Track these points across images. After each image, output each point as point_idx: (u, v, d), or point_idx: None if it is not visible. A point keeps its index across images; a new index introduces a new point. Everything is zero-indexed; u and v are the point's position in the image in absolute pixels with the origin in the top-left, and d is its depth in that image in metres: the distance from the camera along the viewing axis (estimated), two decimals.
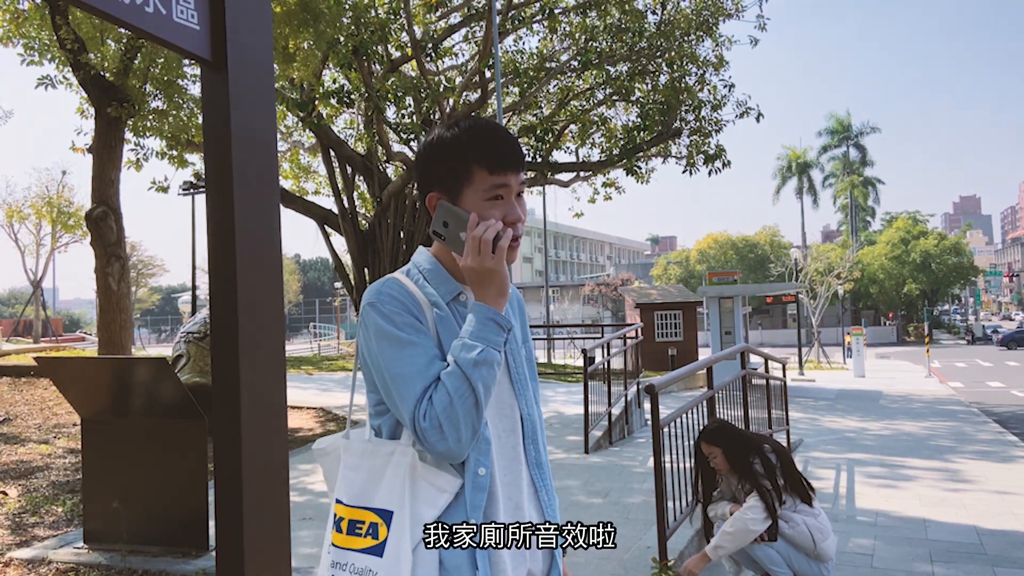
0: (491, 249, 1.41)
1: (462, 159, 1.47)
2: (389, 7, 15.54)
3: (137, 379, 4.50)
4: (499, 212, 1.46)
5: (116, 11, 1.69)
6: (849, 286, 37.20)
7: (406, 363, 1.40)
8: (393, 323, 1.42)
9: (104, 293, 9.92)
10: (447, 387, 1.35)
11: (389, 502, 1.42)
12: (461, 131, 1.50)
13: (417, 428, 1.36)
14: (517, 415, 1.55)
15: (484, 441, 1.45)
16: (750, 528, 3.70)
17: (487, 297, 1.43)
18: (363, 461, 1.48)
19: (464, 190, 1.47)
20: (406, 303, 1.45)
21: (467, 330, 1.41)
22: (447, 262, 1.54)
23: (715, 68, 16.82)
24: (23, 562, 4.12)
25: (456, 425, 1.35)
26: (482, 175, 1.46)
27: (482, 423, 1.40)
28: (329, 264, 58.36)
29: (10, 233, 30.37)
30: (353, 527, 1.44)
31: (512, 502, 1.50)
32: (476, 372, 1.36)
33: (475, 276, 1.43)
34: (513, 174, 1.48)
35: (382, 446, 1.48)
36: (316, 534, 4.75)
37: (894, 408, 14.95)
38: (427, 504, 1.41)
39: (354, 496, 1.46)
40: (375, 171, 18.84)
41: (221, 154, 1.91)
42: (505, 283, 1.45)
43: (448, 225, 1.45)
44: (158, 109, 10.29)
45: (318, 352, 27.57)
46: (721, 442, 3.97)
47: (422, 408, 1.36)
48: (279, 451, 2.03)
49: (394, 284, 1.48)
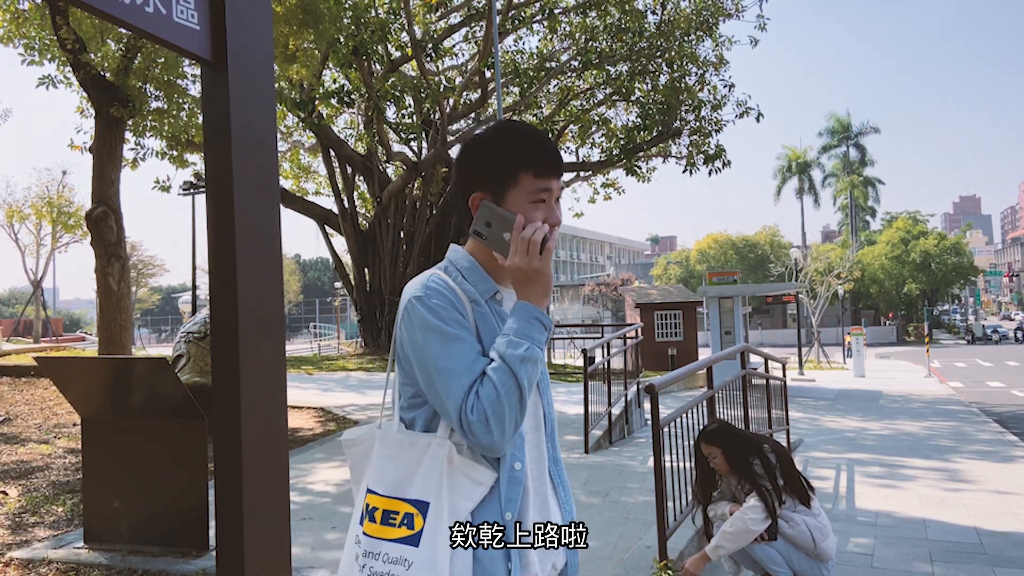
0: (539, 250, 1.45)
1: (509, 162, 1.51)
2: (389, 7, 15.53)
3: (137, 379, 4.50)
4: (541, 215, 1.51)
5: (116, 11, 1.69)
6: (849, 286, 37.21)
7: (453, 357, 1.42)
8: (439, 317, 1.44)
9: (104, 293, 9.92)
10: (494, 382, 1.39)
11: (425, 493, 1.44)
12: (508, 134, 1.55)
13: (464, 421, 1.39)
14: (541, 413, 1.59)
15: (519, 436, 1.49)
16: (750, 528, 3.70)
17: (532, 296, 1.47)
18: (400, 452, 1.50)
19: (509, 192, 1.51)
20: (451, 298, 1.48)
21: (512, 327, 1.45)
22: (484, 261, 1.57)
23: (715, 68, 16.82)
24: (23, 562, 4.12)
25: (502, 419, 1.38)
26: (528, 179, 1.50)
27: (524, 418, 1.44)
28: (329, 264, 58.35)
29: (10, 233, 30.41)
30: (387, 517, 1.46)
31: (540, 497, 1.55)
32: (523, 368, 1.40)
33: (521, 275, 1.47)
34: (555, 179, 1.53)
35: (419, 438, 1.50)
36: (316, 534, 4.75)
37: (894, 408, 14.95)
38: (464, 496, 1.44)
39: (389, 486, 1.48)
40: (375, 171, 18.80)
41: (221, 154, 1.91)
42: (549, 283, 1.49)
43: (491, 225, 1.49)
44: (158, 109, 10.29)
45: (318, 352, 27.56)
46: (721, 442, 3.97)
47: (469, 402, 1.39)
48: (279, 451, 2.03)
49: (438, 279, 1.51)
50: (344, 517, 5.13)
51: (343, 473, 6.45)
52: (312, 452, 7.36)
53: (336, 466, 6.74)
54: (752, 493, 3.80)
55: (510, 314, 1.48)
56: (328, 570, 4.07)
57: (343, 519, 5.08)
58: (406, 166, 17.77)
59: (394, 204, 18.32)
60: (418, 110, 17.13)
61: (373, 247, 19.16)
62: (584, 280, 62.44)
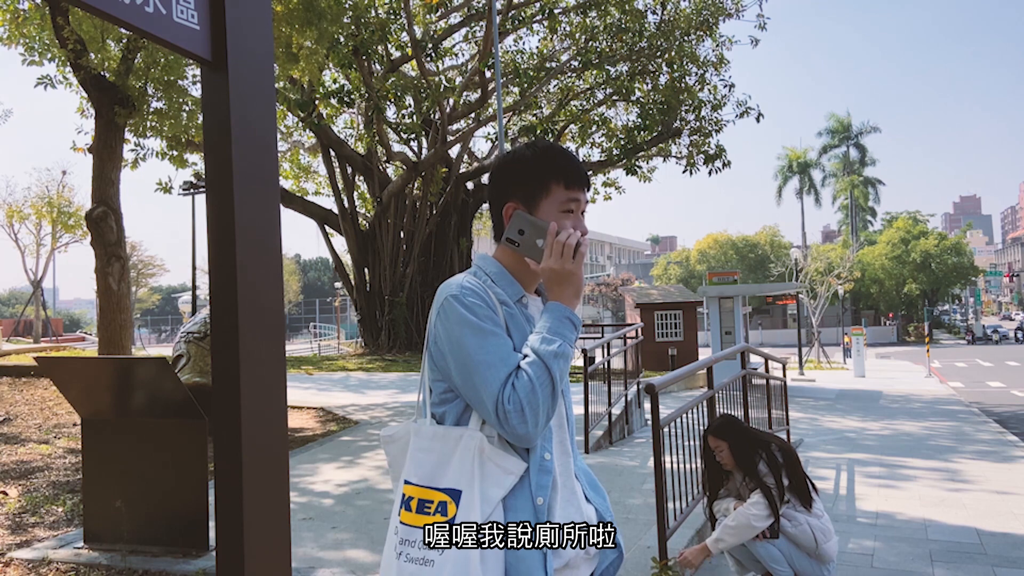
0: (572, 254, 1.57)
1: (541, 173, 1.64)
2: (389, 7, 15.53)
3: (137, 379, 4.50)
4: (570, 223, 1.62)
5: (116, 11, 1.69)
6: (849, 286, 37.19)
7: (489, 351, 1.50)
8: (475, 314, 1.53)
9: (104, 293, 9.92)
10: (529, 374, 1.47)
11: (458, 482, 1.52)
12: (540, 150, 1.67)
13: (500, 411, 1.47)
14: (563, 411, 1.68)
15: (548, 430, 1.58)
16: (752, 524, 3.70)
17: (564, 297, 1.58)
18: (433, 444, 1.58)
19: (541, 202, 1.63)
20: (484, 298, 1.57)
21: (544, 326, 1.54)
22: (512, 267, 1.67)
23: (715, 68, 16.82)
24: (23, 562, 4.12)
25: (536, 410, 1.46)
26: (558, 189, 1.63)
27: (555, 412, 1.52)
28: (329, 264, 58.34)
29: (10, 233, 30.42)
30: (422, 506, 1.54)
31: (568, 490, 1.63)
32: (555, 363, 1.49)
33: (556, 277, 1.58)
34: (583, 192, 1.66)
35: (451, 431, 1.57)
36: (316, 534, 4.75)
37: (894, 408, 14.94)
38: (494, 484, 1.51)
39: (424, 476, 1.56)
40: (375, 171, 18.80)
41: (221, 154, 1.91)
42: (581, 285, 1.60)
43: (524, 233, 1.59)
44: (158, 109, 10.29)
45: (318, 352, 27.56)
46: (728, 437, 3.98)
47: (506, 392, 1.47)
48: (279, 451, 2.03)
49: (472, 280, 1.61)
50: (345, 517, 5.13)
51: (344, 473, 6.45)
52: (312, 452, 7.36)
53: (337, 466, 6.74)
54: (756, 490, 3.80)
55: (543, 313, 1.57)
56: (328, 570, 4.07)
57: (343, 519, 5.08)
58: (406, 166, 17.77)
59: (394, 204, 18.32)
60: (418, 110, 17.12)
61: (373, 247, 19.15)
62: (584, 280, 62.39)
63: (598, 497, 1.73)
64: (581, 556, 1.60)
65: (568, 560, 1.56)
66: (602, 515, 1.68)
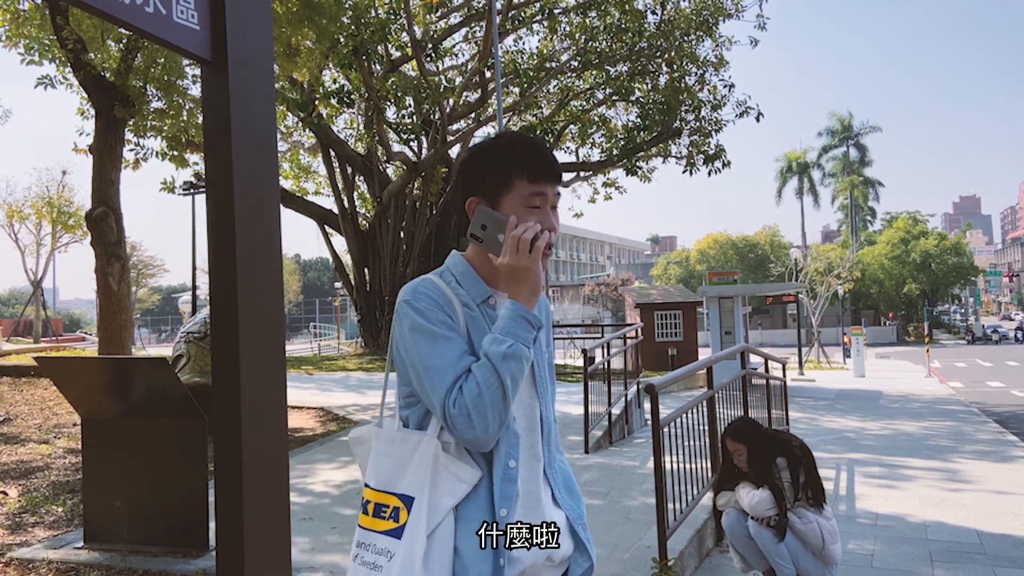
0: (528, 249, 1.50)
1: (503, 167, 1.57)
2: (389, 7, 15.52)
3: (137, 379, 4.50)
4: (535, 219, 1.55)
5: (116, 11, 1.69)
6: (849, 286, 37.16)
7: (438, 356, 1.48)
8: (427, 319, 1.51)
9: (104, 293, 9.92)
10: (477, 377, 1.44)
11: (412, 488, 1.49)
12: (504, 142, 1.61)
13: (447, 416, 1.44)
14: (537, 415, 1.63)
15: (514, 435, 1.53)
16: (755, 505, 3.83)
17: (520, 295, 1.52)
18: (392, 448, 1.56)
19: (504, 197, 1.57)
20: (439, 301, 1.53)
21: (498, 326, 1.50)
22: (479, 266, 1.62)
23: (715, 68, 16.81)
24: (23, 562, 4.12)
25: (484, 414, 1.42)
26: (522, 183, 1.56)
27: (509, 415, 1.48)
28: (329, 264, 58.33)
29: (10, 233, 30.39)
30: (379, 510, 1.53)
31: (532, 496, 1.58)
32: (505, 365, 1.44)
33: (511, 273, 1.51)
34: (550, 185, 1.58)
35: (410, 435, 1.55)
36: (316, 534, 4.75)
37: (894, 408, 14.94)
38: (446, 493, 1.48)
39: (381, 481, 1.55)
40: (375, 171, 18.79)
41: (221, 154, 1.91)
42: (538, 282, 1.53)
43: (486, 228, 1.54)
44: (159, 109, 10.29)
45: (318, 352, 27.56)
46: (747, 441, 4.00)
47: (452, 397, 1.44)
48: (279, 451, 2.03)
49: (428, 284, 1.57)
50: (345, 518, 5.13)
51: (344, 473, 6.45)
52: (313, 452, 7.36)
53: (337, 466, 6.74)
54: (765, 487, 3.87)
55: (501, 312, 1.53)
56: (328, 571, 4.07)
57: (343, 520, 5.08)
58: (406, 166, 17.77)
59: (394, 204, 18.31)
60: (418, 110, 17.12)
61: (373, 247, 19.15)
62: (584, 280, 62.43)
63: (572, 502, 1.66)
64: (542, 564, 1.53)
65: (525, 568, 1.50)
66: (572, 521, 1.62)
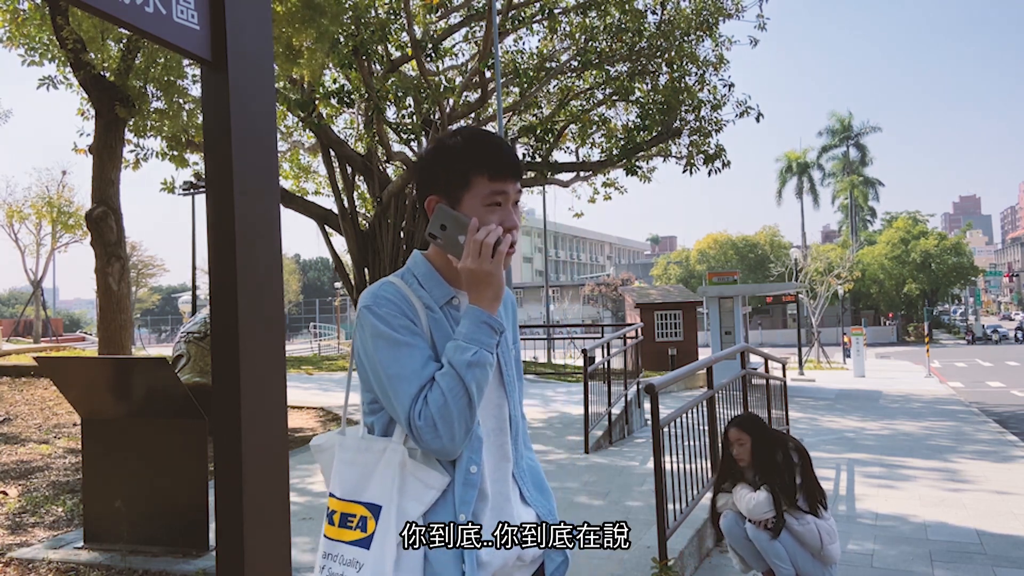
0: (491, 253, 1.45)
1: (462, 165, 1.51)
2: (389, 7, 15.53)
3: (137, 379, 4.50)
4: (496, 218, 1.50)
5: (116, 11, 1.69)
6: (849, 286, 37.16)
7: (402, 363, 1.44)
8: (389, 325, 1.46)
9: (104, 293, 9.92)
10: (442, 387, 1.40)
11: (379, 497, 1.46)
12: (463, 139, 1.55)
13: (413, 427, 1.40)
14: (505, 414, 1.60)
15: (476, 439, 1.49)
16: (751, 507, 3.81)
17: (482, 300, 1.47)
18: (357, 457, 1.52)
19: (464, 195, 1.51)
20: (401, 306, 1.48)
21: (461, 332, 1.45)
22: (441, 266, 1.57)
23: (715, 68, 16.81)
24: (23, 562, 4.12)
25: (450, 424, 1.39)
26: (482, 182, 1.50)
27: (475, 422, 1.44)
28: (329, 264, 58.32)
29: (10, 233, 30.40)
30: (345, 520, 1.49)
31: (502, 496, 1.55)
32: (470, 373, 1.41)
33: (473, 278, 1.47)
34: (511, 182, 1.52)
35: (375, 443, 1.51)
36: (316, 534, 4.75)
37: (894, 408, 14.94)
38: (414, 500, 1.45)
39: (347, 490, 1.51)
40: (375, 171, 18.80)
41: (221, 154, 1.91)
42: (501, 287, 1.49)
43: (445, 228, 1.48)
44: (159, 109, 10.29)
45: (318, 352, 27.56)
46: (753, 432, 4.01)
47: (417, 407, 1.40)
48: (279, 451, 2.03)
49: (389, 288, 1.52)
50: None
51: None
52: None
53: None
54: (764, 486, 3.86)
55: (462, 317, 1.48)
56: None
57: None
58: (406, 166, 17.76)
59: (394, 204, 18.30)
60: (418, 110, 17.12)
61: (373, 247, 19.13)
62: (584, 280, 62.41)
63: (542, 498, 1.64)
64: (513, 564, 1.52)
65: (495, 570, 1.48)
66: (543, 517, 1.60)
